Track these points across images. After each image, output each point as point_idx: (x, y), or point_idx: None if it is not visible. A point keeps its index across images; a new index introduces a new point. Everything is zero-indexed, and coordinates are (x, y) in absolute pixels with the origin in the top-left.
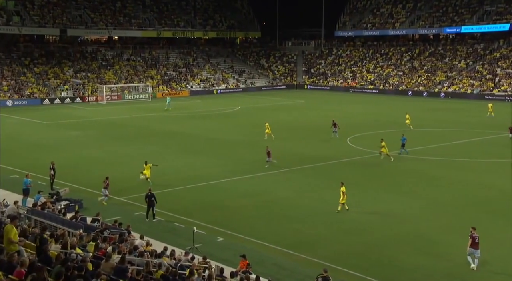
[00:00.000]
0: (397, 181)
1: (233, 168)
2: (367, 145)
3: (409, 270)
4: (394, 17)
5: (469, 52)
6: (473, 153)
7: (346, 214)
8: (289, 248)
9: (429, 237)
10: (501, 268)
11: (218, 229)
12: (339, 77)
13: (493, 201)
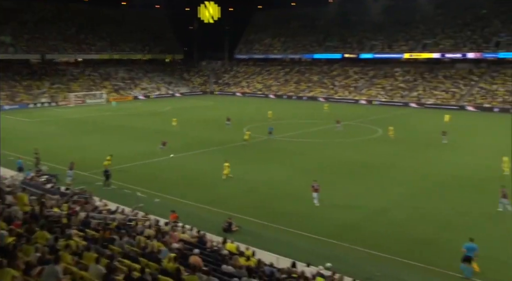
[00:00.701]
0: (274, 156)
1: (166, 150)
2: (255, 132)
3: (286, 214)
4: (273, 46)
5: (319, 70)
6: (322, 136)
7: (245, 179)
8: (207, 204)
9: (298, 192)
10: (332, 203)
11: (155, 193)
12: (238, 86)
13: (338, 167)
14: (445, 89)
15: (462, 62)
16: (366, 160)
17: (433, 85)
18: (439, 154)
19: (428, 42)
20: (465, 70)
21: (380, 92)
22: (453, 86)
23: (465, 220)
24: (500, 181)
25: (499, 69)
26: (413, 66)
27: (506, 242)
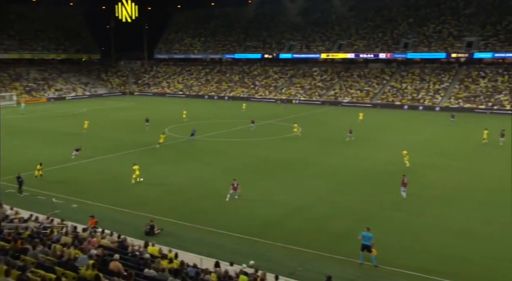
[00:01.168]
0: (195, 156)
1: (84, 153)
2: (179, 132)
3: (209, 213)
4: (194, 46)
5: (240, 70)
6: (242, 135)
7: (167, 180)
8: (128, 207)
9: (220, 192)
10: (254, 200)
11: (73, 198)
12: (159, 86)
13: (258, 165)
14: (360, 88)
15: (374, 62)
16: (286, 158)
17: (349, 84)
18: (353, 150)
19: (343, 42)
20: (378, 69)
21: (299, 91)
22: (367, 85)
23: (378, 212)
24: (406, 173)
25: (408, 68)
26: (330, 65)
27: (412, 229)
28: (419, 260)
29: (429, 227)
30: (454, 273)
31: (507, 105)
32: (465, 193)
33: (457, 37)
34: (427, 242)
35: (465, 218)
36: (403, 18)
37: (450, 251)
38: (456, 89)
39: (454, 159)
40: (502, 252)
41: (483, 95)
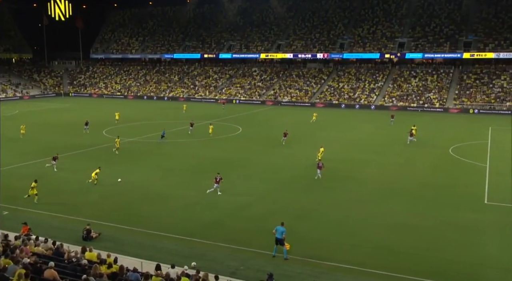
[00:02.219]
0: (137, 158)
1: (18, 157)
2: (116, 134)
3: (150, 216)
4: (131, 45)
5: (180, 70)
6: (183, 136)
7: (106, 183)
8: (63, 213)
9: (161, 193)
10: (196, 201)
11: (4, 205)
12: (96, 87)
13: (198, 165)
14: (299, 88)
15: (312, 62)
16: (227, 158)
17: (288, 83)
18: (293, 148)
19: (282, 43)
20: (316, 69)
21: (239, 91)
22: (306, 84)
23: (316, 208)
24: (343, 172)
25: (344, 68)
26: (270, 65)
27: (348, 224)
28: (355, 254)
29: (365, 222)
30: (388, 266)
31: (436, 103)
32: (398, 188)
33: (389, 38)
34: (362, 237)
35: (398, 212)
36: (338, 19)
37: (385, 244)
38: (389, 88)
39: (388, 155)
40: (433, 243)
41: (414, 94)
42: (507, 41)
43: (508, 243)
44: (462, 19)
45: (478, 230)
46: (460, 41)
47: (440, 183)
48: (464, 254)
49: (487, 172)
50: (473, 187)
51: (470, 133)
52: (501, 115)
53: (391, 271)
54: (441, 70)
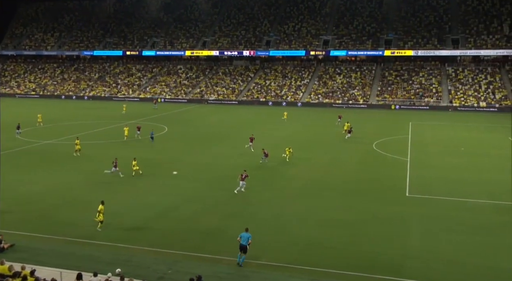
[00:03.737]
0: (54, 162)
1: None
2: (34, 137)
3: (68, 223)
4: (46, 41)
5: (100, 68)
6: (105, 137)
7: (20, 190)
8: None
9: (81, 199)
10: (120, 205)
11: None
12: (6, 86)
13: (123, 167)
14: (225, 85)
15: (239, 59)
16: (153, 158)
17: (215, 81)
18: (221, 148)
19: (207, 40)
20: (242, 67)
21: (164, 89)
22: (232, 82)
23: (245, 207)
24: (272, 170)
25: (271, 65)
26: (195, 63)
27: (278, 222)
28: (286, 252)
29: (295, 219)
30: (318, 262)
31: (360, 100)
32: (326, 184)
33: (314, 36)
34: (293, 234)
35: (327, 208)
36: (264, 16)
37: (316, 241)
38: (315, 85)
39: (316, 152)
40: (360, 237)
41: (339, 91)
42: (425, 39)
43: (427, 234)
44: (383, 18)
45: (400, 222)
46: (381, 39)
47: (365, 178)
48: (388, 246)
49: (408, 165)
50: (395, 181)
51: (392, 128)
52: (421, 111)
53: (321, 267)
54: (364, 67)
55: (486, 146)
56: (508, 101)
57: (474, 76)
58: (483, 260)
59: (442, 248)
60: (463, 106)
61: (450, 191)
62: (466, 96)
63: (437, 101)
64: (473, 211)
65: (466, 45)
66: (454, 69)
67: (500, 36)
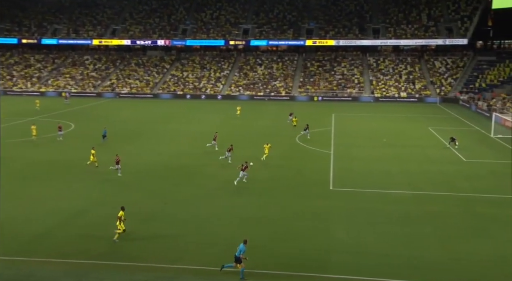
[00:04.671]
0: None
1: None
2: None
3: None
4: None
5: None
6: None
7: None
8: None
9: None
10: (15, 215)
11: None
12: None
13: (24, 170)
14: (139, 78)
15: (153, 49)
16: (59, 159)
17: (127, 73)
18: (136, 145)
19: (117, 27)
20: (157, 57)
21: (69, 82)
22: (147, 74)
23: (163, 208)
24: (190, 167)
25: (188, 56)
26: (104, 53)
27: (199, 222)
28: (206, 253)
29: (216, 218)
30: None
31: (282, 92)
32: (248, 180)
33: (234, 25)
34: (214, 234)
35: (250, 205)
36: (179, 3)
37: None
38: (236, 76)
39: (236, 147)
40: (285, 234)
41: (261, 82)
42: (346, 28)
43: (352, 227)
44: (303, 6)
45: (325, 216)
46: (302, 28)
47: (288, 172)
48: (313, 242)
49: (332, 158)
50: (319, 175)
51: (315, 120)
52: (343, 102)
53: (246, 268)
54: (286, 57)
55: (407, 136)
56: (427, 91)
57: (395, 66)
58: (406, 250)
59: (367, 240)
60: (384, 97)
61: (373, 183)
62: (387, 86)
63: (359, 92)
64: (396, 202)
65: (386, 35)
66: (376, 59)
67: (419, 26)
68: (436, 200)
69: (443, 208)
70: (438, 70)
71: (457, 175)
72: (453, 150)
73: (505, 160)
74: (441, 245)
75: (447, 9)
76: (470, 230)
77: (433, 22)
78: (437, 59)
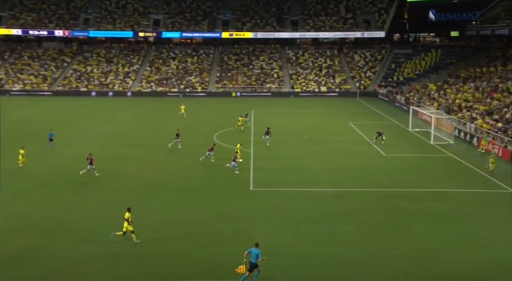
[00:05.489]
0: None
1: None
2: None
3: None
4: None
5: None
6: None
7: None
8: None
9: None
10: None
11: None
12: None
13: None
14: (34, 73)
15: (50, 40)
16: None
17: (18, 67)
18: (32, 147)
19: (4, 15)
20: (55, 50)
21: None
22: (43, 68)
23: (65, 218)
24: (99, 170)
25: (92, 49)
26: None
27: (104, 229)
28: (112, 267)
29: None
30: (156, 272)
31: (198, 87)
32: (164, 183)
33: (143, 14)
34: (124, 245)
35: (167, 209)
36: None
37: (151, 250)
38: (147, 71)
39: (150, 147)
40: (203, 239)
41: (175, 78)
42: (263, 20)
43: (273, 228)
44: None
45: (246, 218)
46: (218, 19)
47: (206, 173)
48: (235, 245)
49: (252, 157)
50: (238, 175)
51: (234, 118)
52: (263, 97)
53: (158, 279)
54: (201, 51)
55: (328, 132)
56: (347, 85)
57: (315, 59)
58: (327, 249)
59: (288, 242)
60: (304, 91)
61: (295, 181)
62: (307, 81)
63: (278, 86)
64: (318, 200)
65: (305, 27)
66: (295, 53)
67: (337, 18)
68: (357, 197)
69: (364, 205)
70: (357, 63)
71: (377, 170)
72: (373, 146)
73: (422, 154)
74: (362, 242)
75: (364, 1)
76: (391, 226)
77: (351, 14)
78: (356, 52)
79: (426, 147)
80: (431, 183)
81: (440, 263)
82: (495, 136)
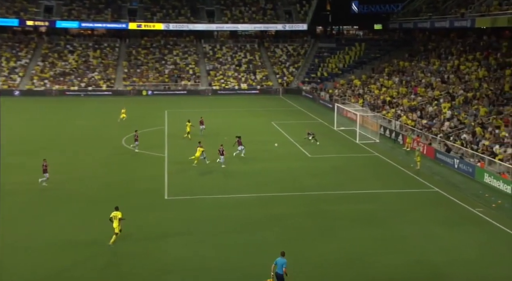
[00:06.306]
0: None
1: None
2: None
3: None
4: None
5: None
6: None
7: None
8: None
9: None
10: None
11: None
12: None
13: None
14: None
15: None
16: None
17: None
18: None
19: None
20: None
21: None
22: None
23: None
24: None
25: None
26: None
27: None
28: None
29: (20, 246)
30: None
31: (103, 85)
32: (66, 194)
33: (31, 0)
34: (18, 267)
35: (64, 225)
36: None
37: (54, 271)
38: (39, 66)
39: (41, 155)
40: (112, 257)
41: (74, 74)
42: (176, 10)
43: (191, 241)
44: None
45: (159, 232)
46: (123, 8)
47: (114, 181)
48: (145, 263)
49: (166, 162)
50: (153, 182)
51: (145, 118)
52: (178, 96)
53: None
54: (105, 43)
55: (250, 132)
56: (269, 82)
57: (233, 54)
58: (249, 259)
59: (207, 254)
60: (223, 89)
61: (213, 188)
62: (226, 77)
63: (195, 84)
64: (240, 207)
65: (222, 19)
66: (212, 46)
67: (257, 9)
68: (281, 201)
69: (288, 210)
70: (279, 58)
71: (302, 172)
72: (298, 146)
73: (347, 154)
74: (286, 250)
75: None
76: (316, 230)
77: (271, 4)
78: (278, 46)
79: (351, 147)
80: (357, 184)
81: (367, 268)
82: (419, 134)
